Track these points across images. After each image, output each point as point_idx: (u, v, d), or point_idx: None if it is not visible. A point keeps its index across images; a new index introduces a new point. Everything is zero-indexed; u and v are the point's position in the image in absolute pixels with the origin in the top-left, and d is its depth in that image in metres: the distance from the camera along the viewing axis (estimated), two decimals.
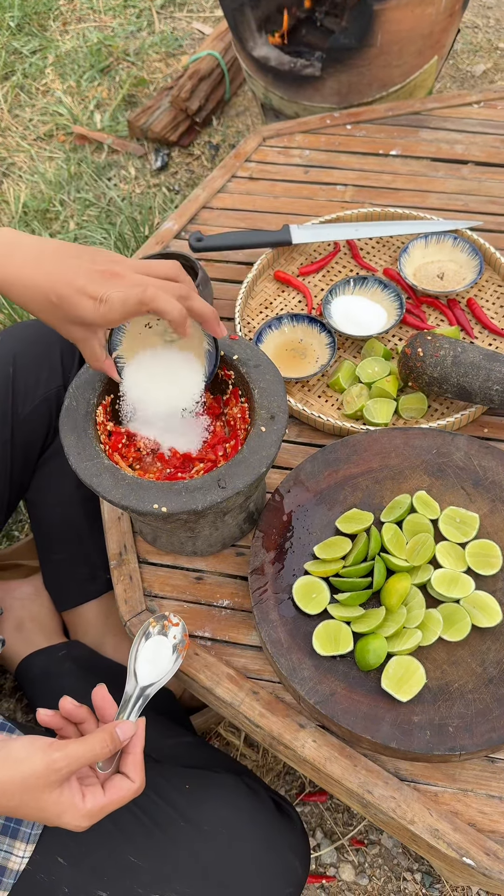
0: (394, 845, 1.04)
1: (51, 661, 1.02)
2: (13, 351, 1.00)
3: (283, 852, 0.77)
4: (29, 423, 1.00)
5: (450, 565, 0.80)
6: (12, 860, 0.73)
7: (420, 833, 0.71)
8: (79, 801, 0.64)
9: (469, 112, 1.35)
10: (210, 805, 0.78)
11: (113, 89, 2.10)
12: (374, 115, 1.35)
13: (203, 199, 1.25)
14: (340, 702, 0.74)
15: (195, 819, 0.76)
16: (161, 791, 0.78)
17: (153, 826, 0.76)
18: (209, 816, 0.77)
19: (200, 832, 0.75)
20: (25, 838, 0.73)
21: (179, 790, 0.78)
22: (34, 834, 0.74)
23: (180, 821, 0.76)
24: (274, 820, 0.79)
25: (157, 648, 0.75)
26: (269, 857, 0.77)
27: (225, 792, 0.79)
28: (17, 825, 0.74)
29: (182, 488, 0.74)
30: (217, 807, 0.78)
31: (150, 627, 0.76)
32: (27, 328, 1.05)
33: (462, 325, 1.05)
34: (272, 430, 0.77)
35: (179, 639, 0.76)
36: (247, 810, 0.78)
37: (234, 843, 0.76)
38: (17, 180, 1.91)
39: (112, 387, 0.83)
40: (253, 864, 0.76)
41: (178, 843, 0.75)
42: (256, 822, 0.78)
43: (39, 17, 2.30)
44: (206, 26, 2.24)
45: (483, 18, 2.19)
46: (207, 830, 0.76)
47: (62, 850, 0.74)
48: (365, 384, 0.99)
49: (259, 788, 0.83)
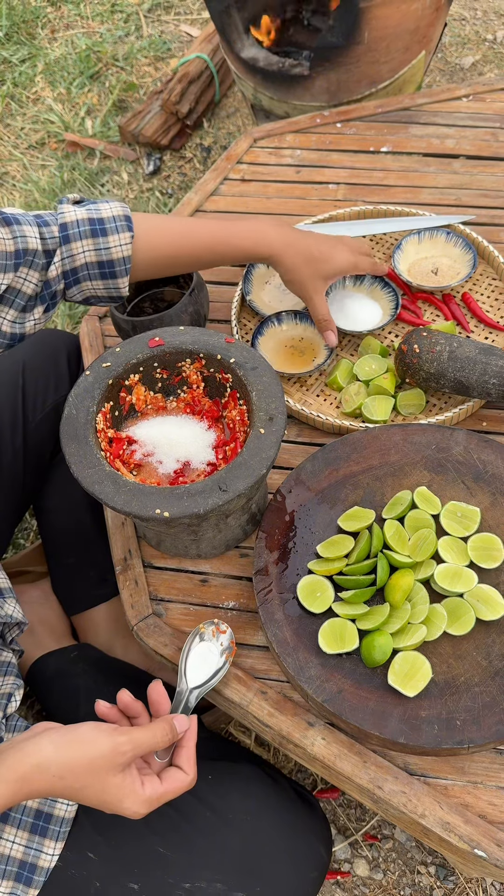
0: (407, 839, 1.04)
1: (64, 661, 1.03)
2: (22, 359, 1.02)
3: (308, 837, 0.79)
4: (39, 430, 1.02)
5: (452, 560, 0.81)
6: (42, 858, 0.74)
7: (431, 826, 0.72)
8: (139, 787, 0.65)
9: (458, 106, 1.35)
10: (234, 794, 0.79)
11: (103, 95, 2.10)
12: (364, 112, 1.35)
13: (196, 203, 1.26)
14: (348, 699, 0.75)
15: (220, 809, 0.78)
16: None
17: (179, 818, 0.77)
18: (234, 805, 0.78)
19: (226, 821, 0.77)
20: (55, 836, 0.74)
21: (204, 781, 0.79)
22: (63, 832, 0.75)
23: (206, 811, 0.77)
24: (296, 806, 0.81)
25: (205, 653, 0.78)
26: (294, 842, 0.78)
27: (247, 781, 0.81)
28: (45, 823, 0.75)
29: (183, 493, 0.75)
30: (241, 796, 0.79)
31: (200, 631, 0.79)
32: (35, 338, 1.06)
33: (458, 319, 1.05)
34: (271, 432, 0.78)
35: (227, 645, 0.79)
36: (270, 798, 0.80)
37: (260, 830, 0.77)
38: (10, 189, 1.92)
39: (112, 394, 0.84)
40: (279, 851, 0.77)
41: (205, 833, 0.76)
42: (280, 809, 0.79)
43: (27, 25, 2.31)
44: (194, 29, 2.24)
45: (470, 11, 2.19)
46: (232, 819, 0.77)
47: (92, 845, 0.75)
48: (363, 382, 0.99)
49: (279, 777, 0.84)
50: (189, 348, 0.85)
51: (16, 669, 0.87)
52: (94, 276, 0.85)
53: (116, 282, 0.86)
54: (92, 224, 0.83)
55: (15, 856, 0.74)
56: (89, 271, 0.85)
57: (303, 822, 0.81)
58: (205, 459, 0.84)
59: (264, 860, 0.78)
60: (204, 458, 0.84)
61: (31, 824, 0.75)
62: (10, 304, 0.80)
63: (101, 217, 0.84)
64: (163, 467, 0.83)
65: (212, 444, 0.85)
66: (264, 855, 0.78)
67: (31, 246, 0.79)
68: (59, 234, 0.83)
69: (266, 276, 1.12)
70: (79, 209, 0.85)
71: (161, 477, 0.83)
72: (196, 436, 0.85)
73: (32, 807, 0.75)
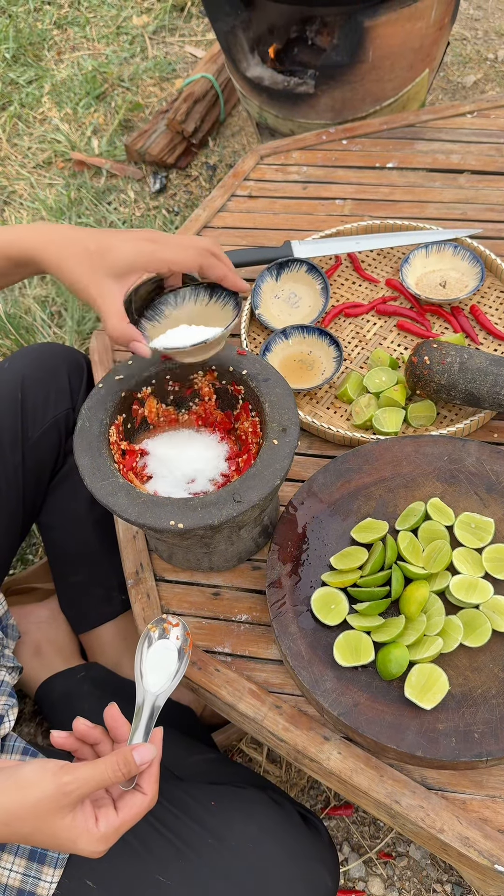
0: (422, 857, 1.03)
1: (70, 683, 1.02)
2: (21, 374, 1.01)
3: (313, 865, 0.77)
4: (39, 447, 1.01)
5: (467, 571, 0.80)
6: (41, 886, 0.73)
7: (450, 842, 0.71)
8: (92, 825, 0.62)
9: (463, 122, 1.36)
10: (237, 821, 0.77)
11: (109, 115, 2.13)
12: (370, 129, 1.37)
13: (204, 219, 1.26)
14: (364, 712, 0.74)
15: (223, 836, 0.76)
16: (187, 809, 0.78)
17: (181, 844, 0.75)
18: (237, 833, 0.76)
19: (229, 849, 0.75)
20: (53, 863, 0.73)
21: (206, 807, 0.78)
22: (61, 858, 0.73)
23: (208, 838, 0.76)
24: (301, 833, 0.79)
25: (161, 654, 0.73)
26: (299, 871, 0.76)
27: (251, 807, 0.79)
28: (43, 851, 0.74)
29: (197, 504, 0.75)
30: (244, 823, 0.77)
31: (150, 633, 0.74)
32: (33, 352, 1.06)
33: (466, 331, 1.05)
34: (284, 443, 0.78)
35: (182, 639, 0.74)
36: (274, 825, 0.78)
37: (264, 858, 0.76)
38: (18, 208, 1.93)
39: (124, 406, 0.84)
40: (283, 880, 0.75)
41: (207, 861, 0.75)
42: (284, 836, 0.77)
43: (34, 47, 2.34)
44: (199, 50, 2.27)
45: (471, 31, 2.22)
46: (235, 847, 0.75)
47: (90, 872, 0.74)
48: (373, 394, 0.99)
49: (285, 802, 0.82)
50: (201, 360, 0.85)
51: (9, 688, 0.85)
52: None
53: None
54: None
55: (13, 884, 0.72)
56: None
57: (308, 849, 0.79)
58: (217, 471, 0.84)
59: (268, 889, 0.75)
60: (216, 471, 0.84)
61: (29, 851, 0.73)
62: None
63: None
64: (175, 480, 0.83)
65: (224, 456, 0.85)
66: (268, 884, 0.75)
67: None
68: None
69: (275, 289, 1.13)
70: None
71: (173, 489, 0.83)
72: (208, 448, 0.85)
73: None
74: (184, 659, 0.72)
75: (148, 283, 0.92)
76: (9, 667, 0.87)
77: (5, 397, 0.99)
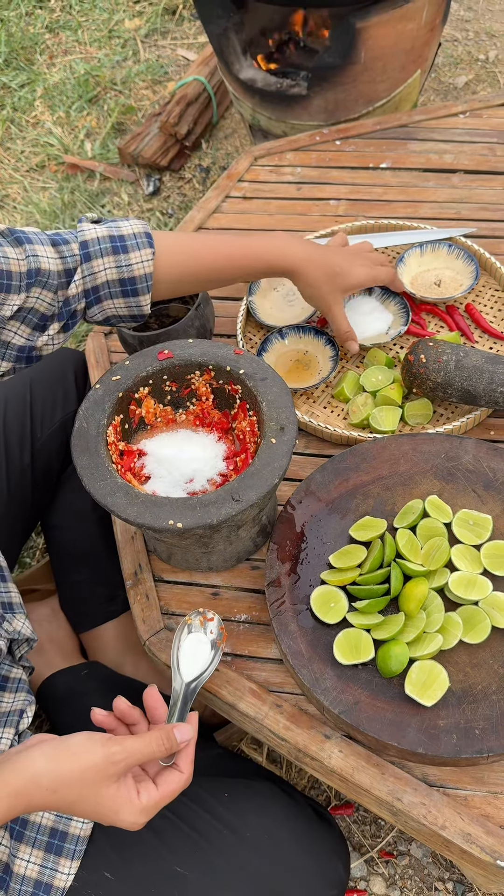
0: (423, 855, 1.03)
1: (74, 680, 1.02)
2: (29, 377, 1.02)
3: (326, 855, 0.78)
4: (47, 448, 1.02)
5: (466, 568, 0.80)
6: (58, 878, 0.73)
7: (452, 838, 0.71)
8: (134, 796, 0.64)
9: (456, 122, 1.37)
10: (251, 813, 0.78)
11: (102, 118, 2.13)
12: (363, 129, 1.37)
13: (199, 221, 1.27)
14: (365, 710, 0.74)
15: (237, 827, 0.76)
16: (202, 801, 0.78)
17: (197, 836, 0.76)
18: (251, 824, 0.77)
19: (244, 840, 0.76)
20: (70, 855, 0.73)
21: (219, 799, 0.78)
22: (79, 850, 0.74)
23: (223, 829, 0.76)
24: (314, 824, 0.80)
25: (196, 644, 0.76)
26: (313, 861, 0.77)
27: (264, 799, 0.80)
28: (60, 842, 0.74)
29: (196, 503, 0.75)
30: (258, 814, 0.78)
31: (187, 624, 0.77)
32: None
33: (462, 330, 1.06)
34: (282, 442, 0.78)
35: (217, 633, 0.77)
36: (287, 816, 0.78)
37: (278, 849, 0.76)
38: (11, 211, 1.93)
39: (122, 407, 0.84)
40: (298, 869, 0.76)
41: (222, 853, 0.75)
42: (298, 827, 0.78)
43: (26, 51, 2.34)
44: (191, 53, 2.28)
45: (462, 32, 2.23)
46: (250, 838, 0.76)
47: (107, 864, 0.74)
48: (370, 393, 0.99)
49: (295, 794, 0.83)
50: (198, 360, 0.85)
51: (27, 686, 0.86)
52: (115, 295, 0.85)
53: (139, 299, 0.86)
54: (113, 241, 0.83)
55: (30, 875, 0.73)
56: (111, 289, 0.85)
57: (321, 839, 0.80)
58: (215, 471, 0.84)
59: (283, 879, 0.76)
60: (214, 470, 0.84)
61: (47, 843, 0.74)
62: (23, 320, 0.80)
63: (121, 234, 0.84)
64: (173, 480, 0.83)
65: (222, 455, 0.85)
66: (283, 874, 0.77)
67: (43, 266, 0.79)
68: (79, 252, 0.83)
69: (275, 282, 1.13)
70: (99, 227, 0.85)
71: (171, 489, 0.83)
72: (206, 448, 0.85)
73: (47, 825, 0.74)
74: (217, 651, 0.76)
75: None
76: (26, 666, 0.87)
77: (14, 399, 1.00)
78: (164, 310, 1.07)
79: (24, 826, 0.74)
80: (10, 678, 0.84)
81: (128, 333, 0.98)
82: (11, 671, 0.85)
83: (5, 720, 0.80)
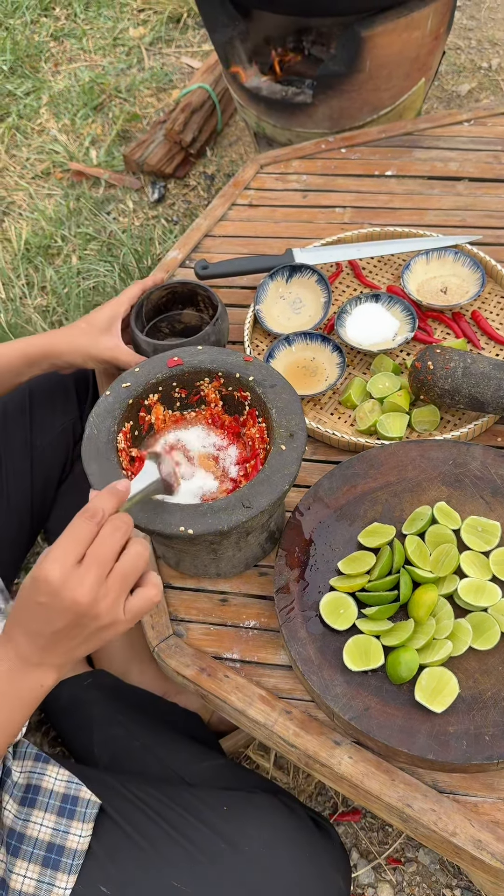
0: (431, 862, 1.03)
1: (78, 689, 1.02)
2: (29, 384, 1.02)
3: (326, 870, 0.77)
4: (47, 455, 1.02)
5: (475, 574, 0.81)
6: (55, 892, 0.72)
7: (463, 845, 0.71)
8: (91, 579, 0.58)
9: (460, 130, 1.38)
10: (250, 826, 0.77)
11: (107, 125, 2.14)
12: (368, 137, 1.38)
13: (205, 228, 1.27)
14: (375, 716, 0.74)
15: (236, 841, 0.76)
16: (200, 814, 0.78)
17: (195, 850, 0.75)
18: (250, 838, 0.76)
19: (242, 854, 0.75)
20: (67, 869, 0.73)
21: (217, 812, 0.78)
22: (76, 865, 0.73)
23: (221, 843, 0.76)
24: (314, 837, 0.79)
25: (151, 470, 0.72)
26: (312, 875, 0.76)
27: (263, 812, 0.79)
28: (57, 856, 0.73)
29: (207, 510, 0.75)
30: (257, 827, 0.77)
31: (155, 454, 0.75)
32: None
33: (468, 337, 1.06)
34: (292, 448, 0.78)
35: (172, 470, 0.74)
36: (287, 829, 0.78)
37: (277, 863, 0.76)
38: (17, 218, 1.94)
39: (131, 413, 0.84)
40: (296, 884, 0.75)
41: (220, 866, 0.75)
42: (297, 840, 0.77)
43: (31, 59, 2.35)
44: (195, 61, 2.29)
45: (465, 40, 2.24)
46: (249, 852, 0.75)
47: (104, 878, 0.74)
48: (377, 399, 1.00)
49: (296, 806, 0.82)
50: (208, 367, 0.85)
51: None
52: None
53: None
54: None
55: (27, 891, 0.72)
56: None
57: (321, 853, 0.79)
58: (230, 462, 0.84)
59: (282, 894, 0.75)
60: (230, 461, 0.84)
61: (43, 857, 0.73)
62: None
63: None
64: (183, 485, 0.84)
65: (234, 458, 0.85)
66: (281, 888, 0.76)
67: None
68: None
69: (282, 290, 1.14)
70: None
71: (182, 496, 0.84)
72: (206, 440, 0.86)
73: (44, 839, 0.74)
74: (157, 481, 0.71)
75: (160, 289, 1.06)
76: None
77: (14, 407, 1.01)
78: (177, 316, 1.07)
79: (21, 840, 0.74)
80: None
81: (142, 339, 0.98)
82: None
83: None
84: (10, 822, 0.75)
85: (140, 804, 0.79)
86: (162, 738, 0.93)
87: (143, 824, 0.77)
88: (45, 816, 0.76)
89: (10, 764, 0.78)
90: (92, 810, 0.76)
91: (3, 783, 0.77)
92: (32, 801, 0.77)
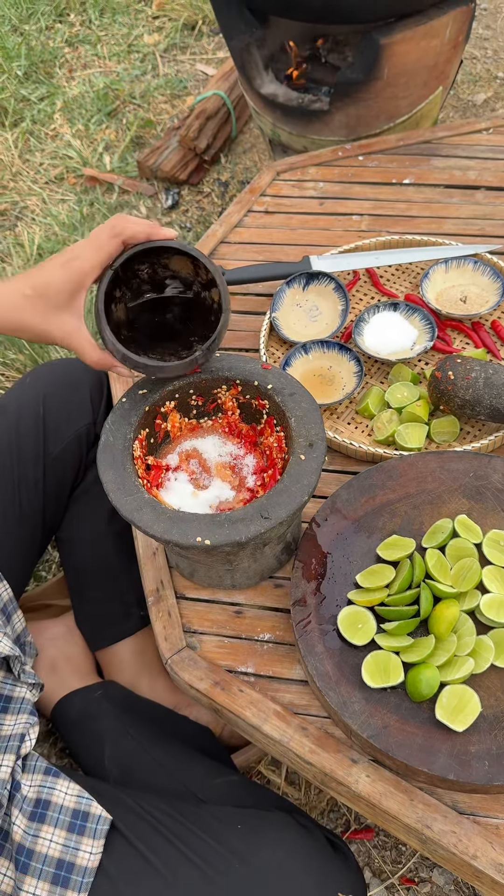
0: (445, 883, 1.01)
1: (87, 702, 1.00)
2: (42, 392, 1.01)
3: (341, 889, 0.75)
4: (60, 462, 1.00)
5: (497, 590, 0.79)
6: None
7: (484, 868, 0.69)
8: None
9: (479, 139, 1.36)
10: (264, 846, 0.76)
11: (121, 131, 2.14)
12: (385, 145, 1.37)
13: (221, 234, 1.26)
14: (394, 734, 0.72)
15: (250, 860, 0.74)
16: (214, 833, 0.76)
17: (208, 868, 0.73)
18: (264, 858, 0.74)
19: (257, 873, 0.73)
20: (77, 888, 0.71)
21: (231, 830, 0.76)
22: (86, 882, 0.72)
23: (235, 862, 0.74)
24: (328, 858, 0.77)
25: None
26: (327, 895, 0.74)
27: (278, 832, 0.77)
28: (67, 874, 0.72)
29: (224, 520, 0.73)
30: (272, 847, 0.75)
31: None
32: (55, 368, 1.06)
33: (488, 347, 1.05)
34: (312, 458, 0.77)
35: None
36: (302, 849, 0.76)
37: (291, 883, 0.74)
38: (30, 223, 1.94)
39: (147, 421, 0.83)
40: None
41: (233, 886, 0.73)
42: (312, 862, 0.76)
43: (46, 65, 2.36)
44: (210, 68, 2.29)
45: (481, 50, 2.23)
46: (263, 871, 0.74)
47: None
48: (395, 409, 0.98)
49: (311, 826, 0.80)
50: (225, 375, 0.84)
51: (30, 706, 0.83)
52: None
53: None
54: None
55: None
56: None
57: (336, 875, 0.77)
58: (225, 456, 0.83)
59: None
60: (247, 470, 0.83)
61: (53, 874, 0.72)
62: None
63: None
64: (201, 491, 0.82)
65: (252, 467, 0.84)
66: None
67: None
68: None
69: (299, 299, 1.12)
70: None
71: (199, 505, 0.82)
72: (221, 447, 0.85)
73: (54, 856, 0.72)
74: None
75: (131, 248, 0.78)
76: (30, 683, 0.85)
77: (27, 413, 0.99)
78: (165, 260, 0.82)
79: (31, 857, 0.72)
80: (12, 698, 0.82)
81: (110, 339, 0.80)
82: (14, 690, 0.83)
83: (5, 746, 0.77)
84: (20, 837, 0.74)
85: (152, 821, 0.77)
86: (174, 752, 0.91)
87: (156, 842, 0.75)
88: (54, 832, 0.74)
89: (19, 778, 0.77)
90: (103, 826, 0.75)
91: (12, 797, 0.75)
92: (42, 817, 0.75)
